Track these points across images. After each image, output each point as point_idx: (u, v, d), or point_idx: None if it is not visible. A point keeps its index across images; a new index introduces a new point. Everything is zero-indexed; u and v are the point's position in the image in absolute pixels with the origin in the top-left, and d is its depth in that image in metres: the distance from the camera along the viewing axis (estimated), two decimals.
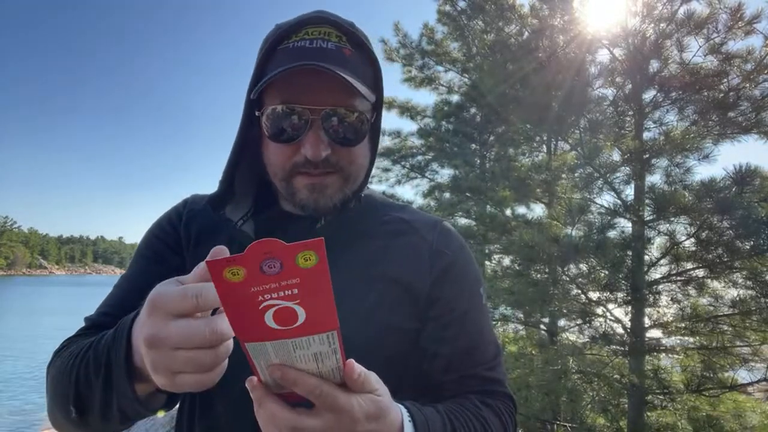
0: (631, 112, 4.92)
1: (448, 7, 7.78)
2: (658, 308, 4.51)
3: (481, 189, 5.84)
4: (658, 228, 4.38)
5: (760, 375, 4.05)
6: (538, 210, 6.49)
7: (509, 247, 4.98)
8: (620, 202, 4.66)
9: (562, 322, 5.83)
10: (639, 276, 4.34)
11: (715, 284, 4.35)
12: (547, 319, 5.94)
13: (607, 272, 4.45)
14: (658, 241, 4.47)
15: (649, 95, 4.83)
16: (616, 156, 4.77)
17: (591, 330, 4.73)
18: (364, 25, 0.89)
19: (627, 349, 4.51)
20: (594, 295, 4.69)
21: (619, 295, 4.47)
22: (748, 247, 3.77)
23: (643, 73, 4.68)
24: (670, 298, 4.50)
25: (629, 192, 4.74)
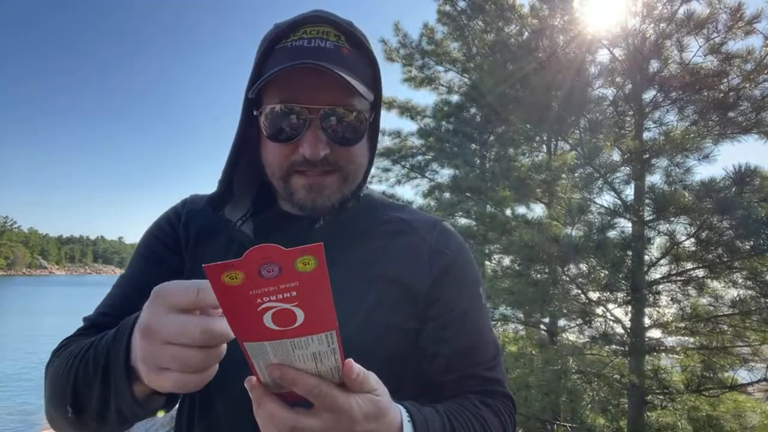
0: (631, 112, 4.92)
1: (448, 7, 7.78)
2: (658, 308, 4.51)
3: (481, 189, 5.83)
4: (658, 228, 4.38)
5: (760, 375, 4.05)
6: (538, 210, 6.49)
7: (509, 247, 4.97)
8: (620, 202, 4.66)
9: (562, 322, 5.83)
10: (639, 276, 4.33)
11: (715, 284, 4.35)
12: (547, 319, 5.94)
13: (607, 272, 4.45)
14: (658, 241, 4.47)
15: (649, 95, 4.83)
16: (616, 156, 4.77)
17: (591, 330, 4.72)
18: (364, 25, 0.89)
19: (627, 349, 4.51)
20: (594, 295, 4.69)
21: (619, 295, 4.47)
22: (748, 247, 3.77)
23: (643, 73, 4.68)
24: (670, 298, 4.50)
25: (629, 192, 4.74)
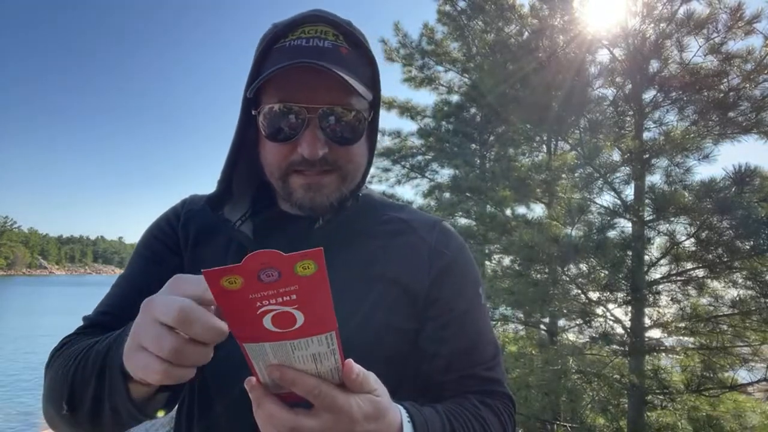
0: (631, 112, 4.92)
1: (448, 7, 7.78)
2: (658, 308, 4.51)
3: (481, 189, 5.83)
4: (658, 228, 4.38)
5: (760, 375, 4.05)
6: (538, 210, 6.49)
7: (509, 247, 4.97)
8: (620, 202, 4.66)
9: (562, 322, 5.83)
10: (639, 276, 4.33)
11: (715, 284, 4.35)
12: (547, 319, 5.94)
13: (607, 272, 4.45)
14: (658, 241, 4.47)
15: (649, 95, 4.84)
16: (616, 156, 4.77)
17: (591, 330, 4.72)
18: (364, 25, 0.89)
19: (627, 349, 4.51)
20: (594, 295, 4.69)
21: (619, 295, 4.47)
22: (748, 247, 3.77)
23: (643, 73, 4.68)
24: (670, 298, 4.50)
25: (629, 192, 4.74)
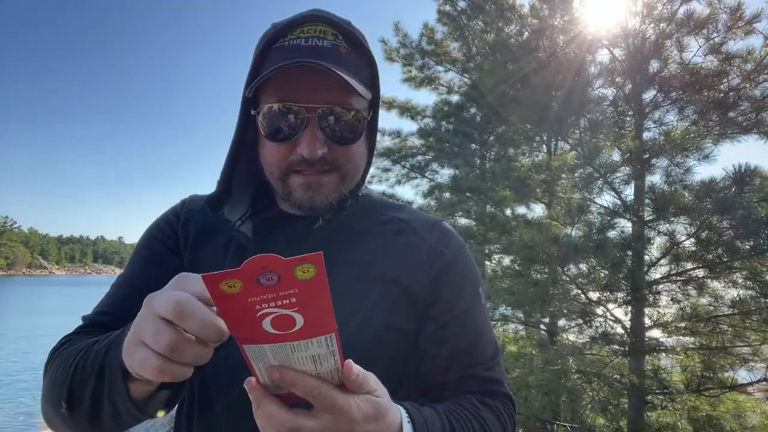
0: (631, 112, 4.92)
1: (448, 7, 7.78)
2: (658, 308, 4.51)
3: (481, 189, 5.83)
4: (658, 228, 4.38)
5: (760, 375, 4.05)
6: (538, 210, 6.49)
7: (509, 247, 4.97)
8: (620, 202, 4.66)
9: (562, 322, 5.83)
10: (639, 276, 4.33)
11: (715, 284, 4.35)
12: (547, 319, 5.94)
13: (607, 272, 4.45)
14: (658, 241, 4.47)
15: (649, 95, 4.83)
16: (616, 156, 4.77)
17: (591, 330, 4.72)
18: (364, 25, 0.89)
19: (627, 349, 4.51)
20: (594, 295, 4.69)
21: (619, 295, 4.47)
22: (748, 247, 3.77)
23: (643, 73, 4.68)
24: (670, 298, 4.50)
25: (629, 192, 4.74)
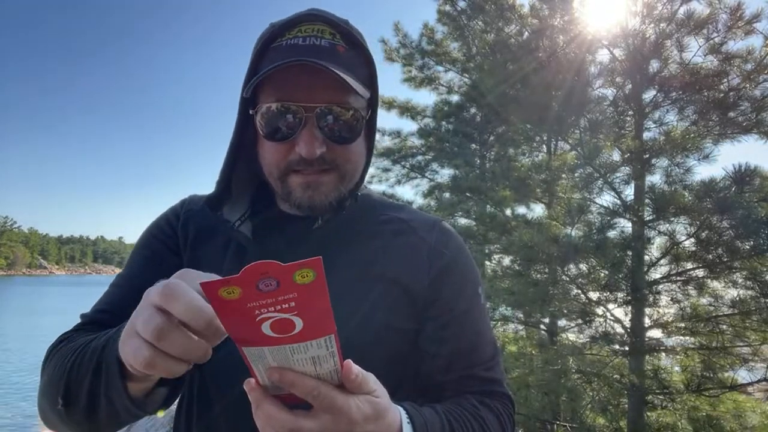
0: (631, 112, 4.92)
1: (448, 7, 7.78)
2: (658, 308, 4.51)
3: (481, 189, 5.82)
4: (658, 228, 4.38)
5: (760, 375, 4.05)
6: (538, 210, 6.48)
7: (509, 247, 4.97)
8: (620, 202, 4.66)
9: (562, 322, 5.82)
10: (639, 276, 4.33)
11: (715, 284, 4.35)
12: (547, 319, 5.94)
13: (607, 272, 4.45)
14: (658, 241, 4.47)
15: (649, 95, 4.83)
16: (616, 156, 4.77)
17: (591, 330, 4.72)
18: (363, 25, 0.89)
19: (627, 349, 4.51)
20: (594, 295, 4.69)
21: (619, 295, 4.47)
22: (748, 247, 3.77)
23: (643, 73, 4.68)
24: (670, 298, 4.50)
25: (629, 192, 4.74)
